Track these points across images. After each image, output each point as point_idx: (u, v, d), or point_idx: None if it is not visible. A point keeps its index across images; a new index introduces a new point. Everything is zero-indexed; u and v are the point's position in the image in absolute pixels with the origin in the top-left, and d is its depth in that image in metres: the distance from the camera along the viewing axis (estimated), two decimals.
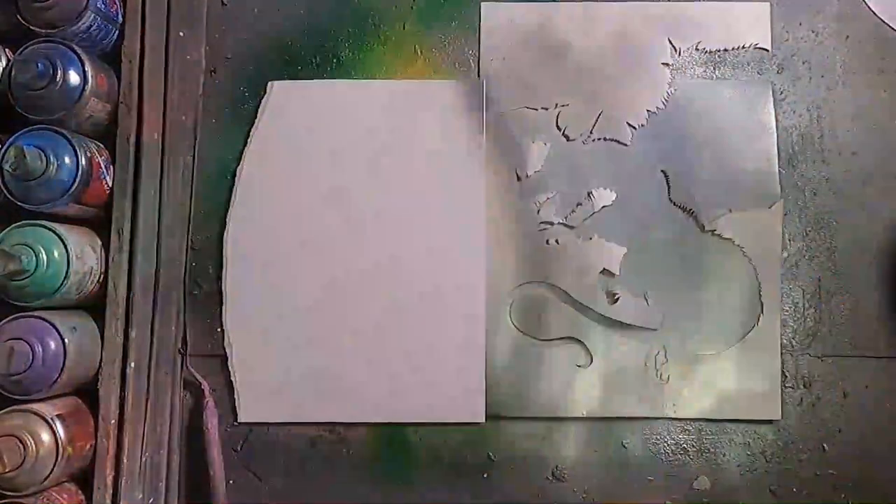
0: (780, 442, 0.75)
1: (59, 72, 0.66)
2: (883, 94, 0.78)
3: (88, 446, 0.68)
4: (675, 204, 0.77)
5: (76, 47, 0.67)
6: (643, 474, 0.74)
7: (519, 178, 0.77)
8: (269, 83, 0.78)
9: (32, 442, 0.62)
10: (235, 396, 0.75)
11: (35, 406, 0.64)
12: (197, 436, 0.74)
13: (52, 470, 0.63)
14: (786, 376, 0.75)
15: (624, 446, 0.75)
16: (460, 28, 0.79)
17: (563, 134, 0.77)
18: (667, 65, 0.78)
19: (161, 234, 0.74)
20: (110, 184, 0.71)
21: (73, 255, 0.66)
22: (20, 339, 0.63)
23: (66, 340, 0.65)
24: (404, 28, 0.79)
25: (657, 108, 0.77)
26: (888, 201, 0.77)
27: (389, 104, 0.77)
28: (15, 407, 0.64)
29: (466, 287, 0.75)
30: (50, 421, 0.63)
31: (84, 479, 0.69)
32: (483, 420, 0.74)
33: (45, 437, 0.63)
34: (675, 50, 0.78)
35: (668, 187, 0.77)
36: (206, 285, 0.76)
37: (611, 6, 0.78)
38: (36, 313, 0.65)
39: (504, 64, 0.78)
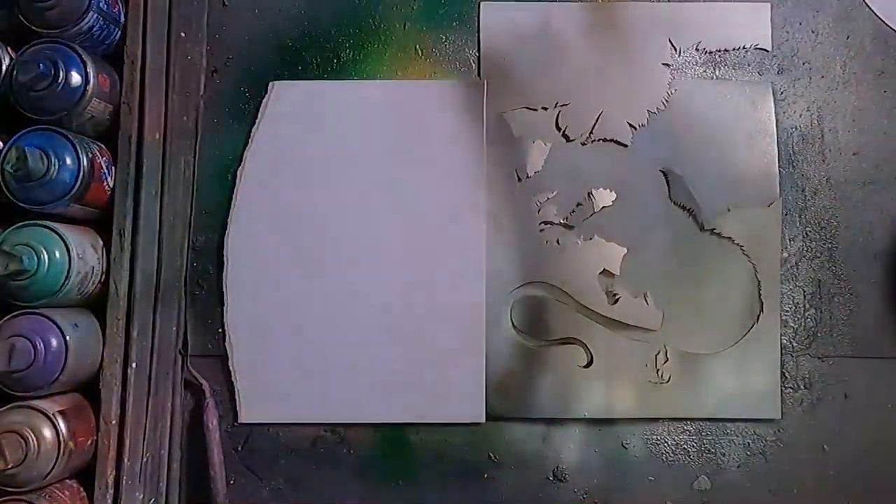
0: (780, 442, 0.75)
1: (60, 72, 0.66)
2: (883, 95, 0.78)
3: (90, 442, 0.68)
4: (675, 204, 0.77)
5: (78, 48, 0.67)
6: (643, 474, 0.74)
7: (519, 179, 0.77)
8: (270, 83, 0.78)
9: (34, 438, 0.62)
10: (236, 397, 0.75)
11: (36, 402, 0.64)
12: (198, 436, 0.74)
13: (54, 466, 0.63)
14: (786, 376, 0.75)
15: (624, 446, 0.75)
16: (460, 28, 0.79)
17: (563, 134, 0.77)
18: (667, 65, 0.78)
19: (162, 234, 0.74)
20: (112, 184, 0.71)
21: (75, 255, 0.66)
22: (21, 336, 0.63)
23: (67, 338, 0.65)
24: (404, 28, 0.79)
25: (657, 108, 0.77)
26: (888, 201, 0.77)
27: (389, 104, 0.77)
28: (16, 403, 0.64)
29: (466, 288, 0.75)
30: (51, 417, 0.63)
31: (86, 476, 0.68)
32: (483, 420, 0.74)
33: (47, 433, 0.63)
34: (675, 50, 0.78)
35: (668, 187, 0.77)
36: (207, 285, 0.76)
37: (611, 6, 0.79)
38: (37, 310, 0.65)
39: (504, 64, 0.78)
